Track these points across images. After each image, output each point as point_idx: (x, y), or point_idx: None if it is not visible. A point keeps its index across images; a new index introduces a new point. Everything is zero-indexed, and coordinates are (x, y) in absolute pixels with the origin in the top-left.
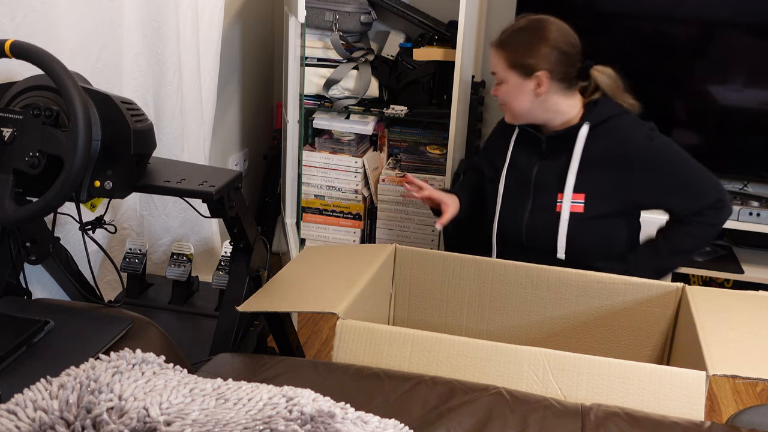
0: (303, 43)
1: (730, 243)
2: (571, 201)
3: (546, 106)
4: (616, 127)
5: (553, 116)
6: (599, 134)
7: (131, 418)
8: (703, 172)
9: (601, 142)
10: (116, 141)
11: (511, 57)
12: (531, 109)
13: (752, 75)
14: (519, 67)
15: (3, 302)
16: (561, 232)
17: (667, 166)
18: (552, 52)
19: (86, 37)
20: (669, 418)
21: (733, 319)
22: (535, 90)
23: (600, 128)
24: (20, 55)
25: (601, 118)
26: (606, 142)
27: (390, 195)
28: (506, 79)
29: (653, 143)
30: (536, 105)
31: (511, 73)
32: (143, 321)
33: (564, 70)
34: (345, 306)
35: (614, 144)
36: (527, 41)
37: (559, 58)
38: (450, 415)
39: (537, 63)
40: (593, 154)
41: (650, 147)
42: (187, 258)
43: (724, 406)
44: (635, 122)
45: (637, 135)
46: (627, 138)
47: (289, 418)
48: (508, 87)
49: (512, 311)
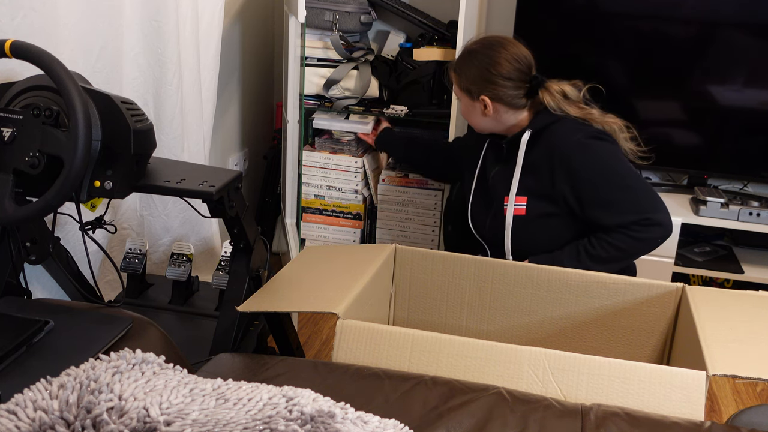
0: (303, 43)
1: (730, 243)
2: (514, 204)
3: (499, 121)
4: (552, 132)
5: (509, 128)
6: (539, 140)
7: (131, 418)
8: (633, 191)
9: (539, 148)
10: (116, 141)
11: (458, 81)
12: (486, 124)
13: (752, 75)
14: (465, 90)
15: (3, 302)
16: (507, 235)
17: (587, 175)
18: (495, 79)
19: (86, 37)
20: (669, 418)
21: (733, 319)
22: (483, 111)
23: (540, 134)
24: (20, 55)
25: (542, 125)
26: (541, 147)
27: (390, 195)
28: (460, 98)
29: (580, 152)
30: (489, 121)
31: (462, 94)
32: (143, 321)
33: (509, 94)
34: (345, 306)
35: (546, 149)
36: (471, 68)
37: (502, 84)
38: (450, 415)
39: (479, 90)
40: (533, 158)
41: (574, 155)
42: (187, 258)
43: (724, 406)
44: (571, 129)
45: (567, 142)
46: (556, 144)
47: (289, 418)
48: (462, 106)
49: (512, 311)
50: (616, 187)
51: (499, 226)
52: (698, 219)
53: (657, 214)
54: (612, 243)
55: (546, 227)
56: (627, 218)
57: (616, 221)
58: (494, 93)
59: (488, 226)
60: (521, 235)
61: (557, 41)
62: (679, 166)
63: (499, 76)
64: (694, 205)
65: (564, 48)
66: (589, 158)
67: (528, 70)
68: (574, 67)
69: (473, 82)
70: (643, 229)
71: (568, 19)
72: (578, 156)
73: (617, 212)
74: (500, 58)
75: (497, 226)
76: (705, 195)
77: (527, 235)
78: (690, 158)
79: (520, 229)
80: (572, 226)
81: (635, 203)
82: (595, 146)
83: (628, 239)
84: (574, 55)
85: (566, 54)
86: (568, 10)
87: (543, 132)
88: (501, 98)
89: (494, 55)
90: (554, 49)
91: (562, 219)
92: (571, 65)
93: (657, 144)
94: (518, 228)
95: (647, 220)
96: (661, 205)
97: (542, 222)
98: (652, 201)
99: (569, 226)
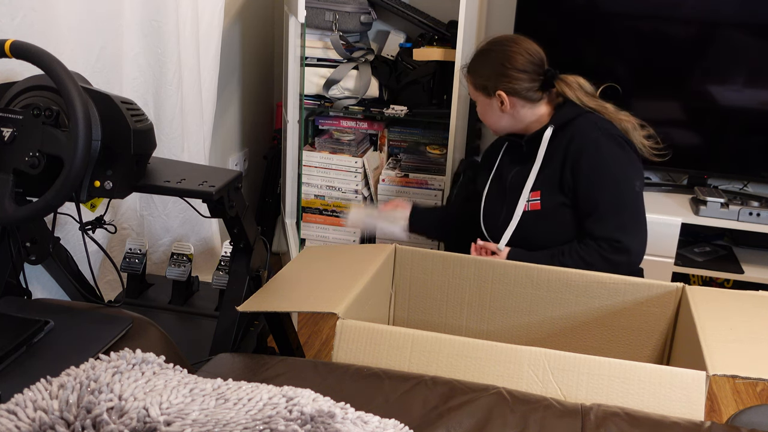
0: (303, 43)
1: (730, 243)
2: (528, 200)
3: (516, 118)
4: (573, 126)
5: (528, 125)
6: (561, 135)
7: (131, 418)
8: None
9: (560, 141)
10: (116, 141)
11: (474, 80)
12: (503, 123)
13: (752, 75)
14: (481, 88)
15: (3, 302)
16: (510, 228)
17: (588, 171)
18: (509, 72)
19: (86, 37)
20: (669, 418)
21: (733, 319)
22: (501, 107)
23: (563, 129)
24: (20, 55)
25: (564, 120)
26: (562, 140)
27: (390, 195)
28: (476, 99)
29: (594, 148)
30: (506, 119)
31: (478, 94)
32: (143, 321)
33: (524, 87)
34: (345, 306)
35: (567, 141)
36: (486, 65)
37: (517, 77)
38: (450, 415)
39: (495, 85)
40: (553, 152)
41: (587, 149)
42: (187, 258)
43: (724, 406)
44: (591, 126)
45: (586, 135)
46: (575, 135)
47: (289, 418)
48: (479, 106)
49: (512, 311)
50: (608, 194)
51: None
52: (698, 219)
53: (631, 240)
54: (582, 256)
55: (561, 220)
56: (603, 231)
57: (592, 229)
58: (510, 87)
59: (500, 225)
60: (534, 231)
61: (557, 41)
62: (679, 166)
63: (513, 69)
64: (694, 205)
65: (564, 48)
66: (599, 157)
67: (541, 63)
68: (574, 67)
69: (488, 77)
70: (612, 251)
71: (568, 19)
72: (591, 151)
73: (597, 219)
74: (513, 52)
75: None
76: (705, 195)
77: (543, 228)
78: (690, 158)
79: (535, 225)
80: None
81: (617, 217)
82: (609, 148)
83: (596, 255)
84: (574, 55)
85: (566, 54)
86: (568, 10)
87: (565, 127)
88: (517, 92)
89: (507, 50)
90: (554, 49)
91: (573, 211)
92: (571, 65)
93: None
94: (532, 223)
95: (619, 243)
96: (641, 233)
97: (557, 214)
98: (634, 224)
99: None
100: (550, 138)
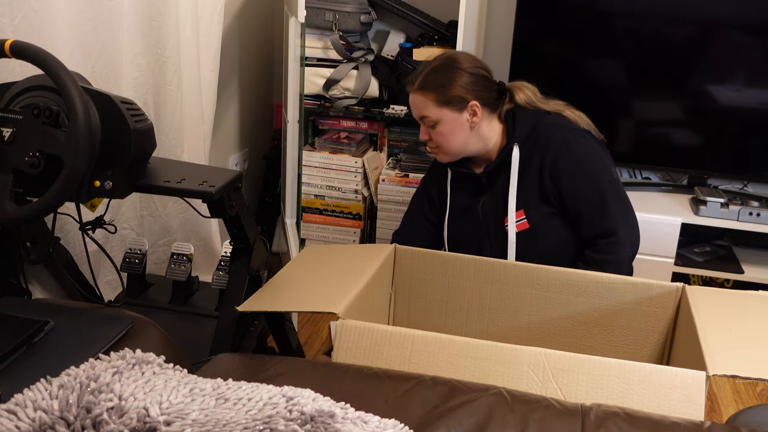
0: (303, 43)
1: (730, 243)
2: (515, 221)
3: (479, 135)
4: (538, 135)
5: (485, 144)
6: (528, 148)
7: (131, 418)
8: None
9: (531, 155)
10: (116, 141)
11: (438, 95)
12: (467, 143)
13: (752, 75)
14: (450, 102)
15: (3, 302)
16: (510, 254)
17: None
18: (471, 78)
19: (86, 37)
20: (669, 418)
21: (733, 319)
22: (471, 120)
23: (527, 142)
24: (20, 55)
25: (525, 132)
26: (533, 153)
27: (390, 195)
28: (440, 118)
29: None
30: (471, 137)
31: (444, 110)
32: (143, 321)
33: (487, 95)
34: (345, 306)
35: (539, 152)
36: (448, 76)
37: (480, 84)
38: (450, 415)
39: (465, 93)
40: (526, 168)
41: (559, 155)
42: (187, 258)
43: (724, 406)
44: (554, 128)
45: (553, 142)
46: (543, 144)
47: (289, 418)
48: (444, 126)
49: (512, 311)
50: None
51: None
52: (698, 219)
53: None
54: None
55: (553, 231)
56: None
57: (585, 229)
58: (483, 96)
59: (490, 250)
60: (530, 249)
61: (557, 41)
62: (679, 166)
63: (474, 75)
64: (694, 205)
65: (564, 48)
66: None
67: (490, 70)
68: (574, 66)
69: (455, 88)
70: (609, 245)
71: (568, 19)
72: (564, 151)
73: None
74: (476, 60)
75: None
76: (705, 195)
77: (536, 245)
78: (690, 158)
79: (529, 243)
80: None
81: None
82: (579, 143)
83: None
84: (574, 54)
85: (566, 54)
86: (567, 10)
87: (527, 139)
88: (487, 102)
89: (470, 59)
90: (554, 49)
91: (561, 218)
92: (571, 65)
93: (657, 144)
94: (526, 243)
95: (614, 234)
96: (630, 216)
97: (547, 226)
98: (622, 208)
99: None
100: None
